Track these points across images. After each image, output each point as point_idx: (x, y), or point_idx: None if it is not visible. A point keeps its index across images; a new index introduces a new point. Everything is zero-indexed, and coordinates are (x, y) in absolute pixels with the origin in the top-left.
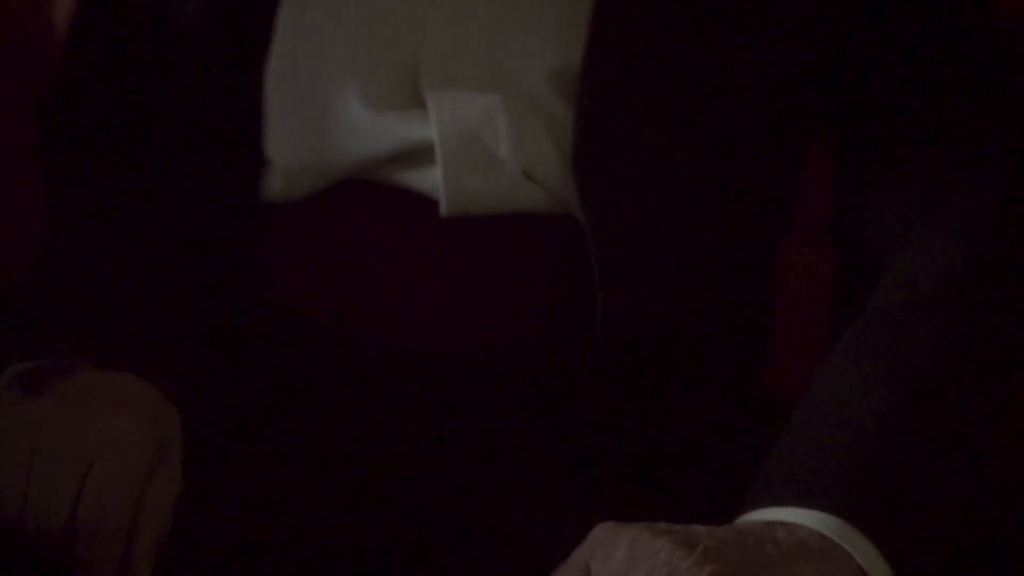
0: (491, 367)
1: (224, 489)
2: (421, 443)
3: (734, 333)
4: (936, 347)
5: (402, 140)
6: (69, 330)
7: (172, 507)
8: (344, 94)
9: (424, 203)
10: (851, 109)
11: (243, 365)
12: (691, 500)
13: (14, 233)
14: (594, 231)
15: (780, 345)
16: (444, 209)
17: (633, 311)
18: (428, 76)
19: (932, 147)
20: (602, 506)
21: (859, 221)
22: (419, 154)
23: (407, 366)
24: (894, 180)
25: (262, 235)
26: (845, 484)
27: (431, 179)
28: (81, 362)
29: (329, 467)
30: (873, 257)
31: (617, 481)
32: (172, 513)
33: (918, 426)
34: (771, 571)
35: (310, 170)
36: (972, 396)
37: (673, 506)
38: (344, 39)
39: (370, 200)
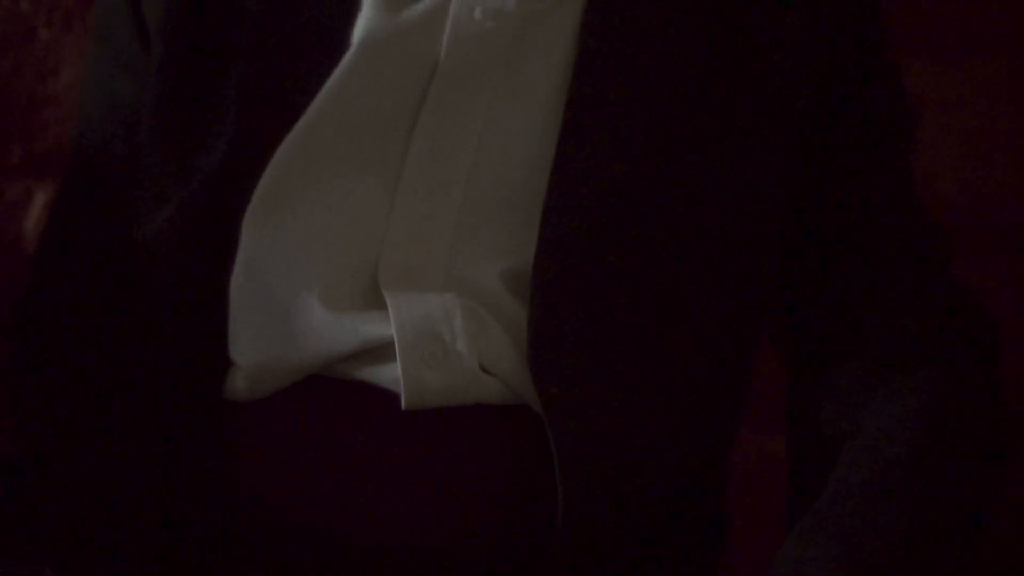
0: (453, 559)
1: None
2: None
3: (694, 522)
4: (891, 529)
5: (362, 339)
6: (33, 540)
7: None
8: (305, 298)
9: (385, 397)
10: (797, 302)
11: (210, 562)
12: None
13: None
14: (552, 424)
15: (738, 531)
16: (404, 403)
17: (594, 501)
18: (386, 277)
19: (878, 340)
20: None
21: (812, 410)
22: (379, 350)
23: (371, 559)
24: (843, 371)
25: (226, 434)
26: None
27: (391, 373)
28: (46, 571)
29: None
30: (828, 444)
31: None
32: None
33: None
34: None
35: (273, 370)
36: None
37: None
38: (305, 248)
39: (332, 396)
